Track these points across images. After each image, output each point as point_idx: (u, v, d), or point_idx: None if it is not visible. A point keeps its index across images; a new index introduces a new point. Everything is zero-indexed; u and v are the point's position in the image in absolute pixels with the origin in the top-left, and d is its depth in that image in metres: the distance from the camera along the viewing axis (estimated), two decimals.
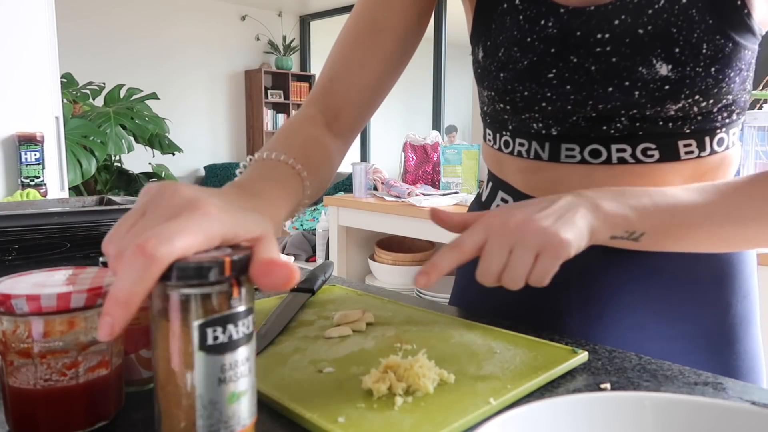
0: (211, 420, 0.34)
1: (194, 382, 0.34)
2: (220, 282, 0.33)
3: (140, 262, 0.32)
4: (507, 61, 0.65)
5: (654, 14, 0.58)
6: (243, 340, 0.35)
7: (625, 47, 0.59)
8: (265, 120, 6.53)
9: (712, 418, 0.34)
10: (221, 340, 0.34)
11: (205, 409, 0.34)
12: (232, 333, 0.34)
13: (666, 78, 0.59)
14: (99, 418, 0.42)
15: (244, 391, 0.35)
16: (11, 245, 0.98)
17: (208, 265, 0.33)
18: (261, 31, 6.60)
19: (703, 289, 0.67)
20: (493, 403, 0.44)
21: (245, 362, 0.35)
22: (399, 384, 0.46)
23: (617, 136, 0.63)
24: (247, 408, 0.36)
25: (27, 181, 2.16)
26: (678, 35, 0.57)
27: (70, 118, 3.84)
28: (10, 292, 0.39)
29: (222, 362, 0.34)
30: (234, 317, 0.34)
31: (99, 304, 0.41)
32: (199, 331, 0.33)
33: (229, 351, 0.34)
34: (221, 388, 0.34)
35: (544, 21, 0.62)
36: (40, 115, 2.24)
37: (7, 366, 0.40)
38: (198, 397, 0.34)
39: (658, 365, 0.54)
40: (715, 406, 0.35)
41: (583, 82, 0.62)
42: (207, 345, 0.33)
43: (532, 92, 0.64)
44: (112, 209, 1.09)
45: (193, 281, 0.33)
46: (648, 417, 0.35)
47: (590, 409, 0.35)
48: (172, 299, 0.33)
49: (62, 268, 0.46)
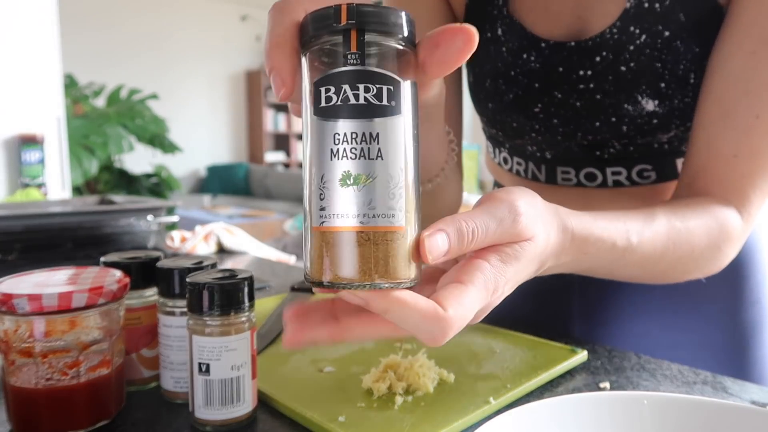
0: (322, 203, 0.28)
1: (310, 155, 0.29)
2: (334, 32, 0.28)
3: (271, 14, 0.31)
4: (494, 93, 0.63)
5: (636, 50, 0.56)
6: (367, 110, 0.28)
7: (608, 84, 0.58)
8: (266, 120, 6.53)
9: (711, 417, 0.34)
10: (334, 102, 0.28)
11: (318, 189, 0.28)
12: (349, 96, 0.28)
13: (653, 113, 0.57)
14: (100, 417, 0.42)
15: (366, 176, 0.28)
16: (13, 245, 0.98)
17: (320, 14, 0.29)
18: (261, 32, 6.60)
19: (711, 296, 0.66)
20: (492, 403, 0.44)
21: (370, 140, 0.28)
22: (399, 383, 0.46)
23: (611, 160, 0.62)
24: (373, 202, 0.28)
25: (28, 182, 2.16)
26: (663, 69, 0.55)
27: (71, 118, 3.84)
28: (12, 292, 0.39)
29: (335, 130, 0.28)
30: (352, 76, 0.28)
31: (100, 303, 0.41)
32: (312, 90, 0.29)
33: (344, 117, 0.28)
34: (333, 163, 0.28)
35: (527, 55, 0.60)
36: (42, 115, 2.24)
37: (9, 365, 0.40)
38: (312, 174, 0.29)
39: (657, 364, 0.54)
40: (714, 405, 0.35)
41: (569, 116, 0.61)
42: (319, 107, 0.29)
43: (521, 123, 0.63)
44: (112, 209, 1.09)
45: (307, 35, 0.29)
46: (647, 416, 0.35)
47: (590, 409, 0.35)
48: (302, 63, 0.30)
49: (64, 268, 0.47)
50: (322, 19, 0.29)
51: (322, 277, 0.28)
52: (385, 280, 0.28)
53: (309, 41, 0.29)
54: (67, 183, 2.33)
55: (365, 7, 0.28)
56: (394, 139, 0.28)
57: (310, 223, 0.29)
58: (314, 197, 0.29)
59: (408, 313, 0.28)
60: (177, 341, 0.46)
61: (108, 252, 0.53)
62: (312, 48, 0.29)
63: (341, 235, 0.28)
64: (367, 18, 0.28)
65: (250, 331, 0.43)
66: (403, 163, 0.29)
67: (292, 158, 6.61)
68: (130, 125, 4.29)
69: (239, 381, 0.42)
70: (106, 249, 1.01)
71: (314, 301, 0.33)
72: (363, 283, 0.28)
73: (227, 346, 0.41)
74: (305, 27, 0.30)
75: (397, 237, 0.28)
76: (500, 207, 0.32)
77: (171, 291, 0.46)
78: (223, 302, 0.41)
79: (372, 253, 0.28)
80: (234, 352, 0.41)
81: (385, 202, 0.28)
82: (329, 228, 0.28)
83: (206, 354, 0.41)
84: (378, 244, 0.28)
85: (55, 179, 2.28)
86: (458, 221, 0.30)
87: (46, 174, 2.21)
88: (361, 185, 0.28)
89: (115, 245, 1.06)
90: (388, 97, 0.28)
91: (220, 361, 0.41)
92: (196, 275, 0.43)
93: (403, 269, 0.29)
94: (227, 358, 0.41)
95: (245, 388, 0.42)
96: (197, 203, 5.26)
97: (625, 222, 0.44)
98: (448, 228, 0.30)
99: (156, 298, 0.47)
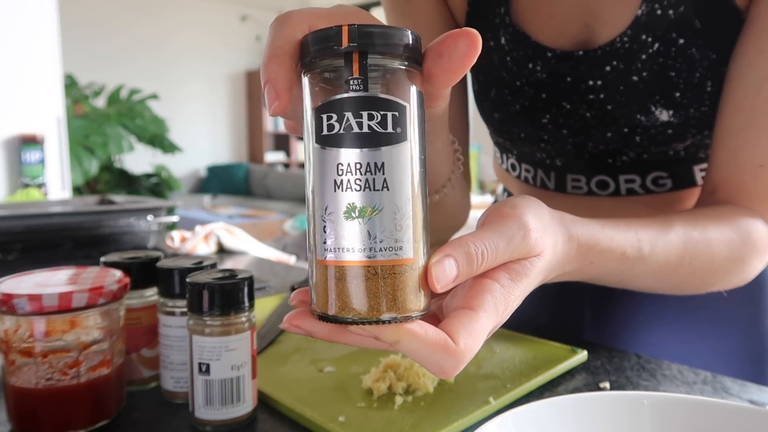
0: (326, 236, 0.27)
1: (312, 185, 0.28)
2: (336, 55, 0.27)
3: (273, 26, 0.30)
4: (499, 103, 0.61)
5: (648, 59, 0.53)
6: (371, 138, 0.27)
7: (619, 95, 0.55)
8: (266, 120, 6.52)
9: (711, 417, 0.34)
10: (337, 131, 0.27)
11: (321, 221, 0.28)
12: (352, 124, 0.27)
13: (668, 123, 0.55)
14: (100, 417, 0.42)
15: (371, 208, 0.27)
16: (13, 245, 0.98)
17: (321, 35, 0.27)
18: (261, 32, 6.59)
19: (730, 305, 0.64)
20: (492, 403, 0.44)
21: (375, 170, 0.27)
22: (399, 383, 0.46)
23: (624, 167, 0.60)
24: (380, 236, 0.27)
25: (28, 182, 2.16)
26: (677, 78, 0.53)
27: (71, 118, 3.84)
28: (12, 292, 0.39)
29: (338, 160, 0.27)
30: (355, 102, 0.27)
31: (100, 303, 0.41)
32: (313, 117, 0.28)
33: (348, 147, 0.27)
34: (337, 194, 0.27)
35: (532, 64, 0.58)
36: (42, 115, 2.24)
37: (9, 365, 0.40)
38: (315, 204, 0.28)
39: (657, 364, 0.54)
40: (714, 405, 0.35)
41: (579, 127, 0.59)
42: (321, 135, 0.27)
43: (528, 134, 0.61)
44: (112, 209, 1.09)
45: (307, 57, 0.28)
46: (647, 416, 0.35)
47: (590, 409, 0.35)
48: (302, 84, 0.29)
49: (64, 268, 0.47)
50: (323, 41, 0.27)
51: (329, 311, 0.28)
52: (394, 314, 0.27)
53: (309, 63, 0.28)
54: (67, 183, 2.33)
55: (368, 27, 0.27)
56: (400, 167, 0.27)
57: (315, 256, 0.28)
58: (318, 229, 0.28)
59: (418, 345, 0.28)
60: (177, 341, 0.46)
61: (108, 252, 0.53)
62: (312, 70, 0.28)
63: (347, 269, 0.27)
64: (369, 39, 0.27)
65: (250, 331, 0.43)
66: (410, 192, 0.27)
67: (292, 158, 6.61)
68: (130, 125, 4.29)
69: (239, 381, 0.42)
70: (106, 249, 1.01)
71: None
72: (371, 318, 0.27)
73: (227, 346, 0.41)
74: (306, 47, 0.28)
75: (405, 269, 0.27)
76: (508, 224, 0.31)
77: (171, 291, 0.46)
78: (223, 302, 0.41)
79: (380, 287, 0.27)
80: (234, 352, 0.41)
81: (392, 234, 0.27)
82: (335, 262, 0.27)
83: (206, 354, 0.41)
84: (386, 277, 0.27)
85: (55, 179, 2.28)
86: (466, 244, 0.29)
87: (46, 174, 2.21)
88: (366, 218, 0.27)
89: (115, 245, 1.06)
90: (394, 124, 0.27)
91: (220, 361, 0.41)
92: (196, 275, 0.43)
93: (413, 301, 0.28)
94: (227, 358, 0.41)
95: (245, 388, 0.42)
96: (197, 203, 5.26)
97: (637, 231, 0.43)
98: (456, 253, 0.29)
99: (156, 298, 0.47)
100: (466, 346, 0.28)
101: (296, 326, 0.30)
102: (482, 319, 0.29)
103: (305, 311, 0.30)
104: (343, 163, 0.27)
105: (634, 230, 0.42)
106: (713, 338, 0.64)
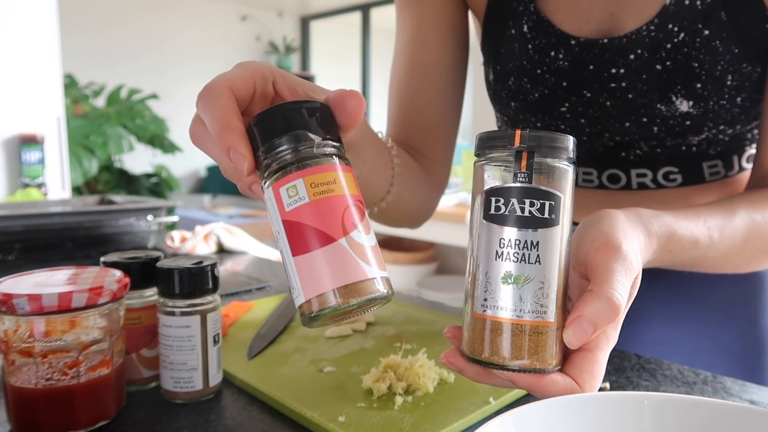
0: (485, 294, 0.34)
1: (477, 251, 0.35)
2: (506, 149, 0.34)
3: (202, 97, 0.34)
4: (518, 91, 0.62)
5: (673, 49, 0.54)
6: (530, 221, 0.33)
7: (641, 83, 0.56)
8: None
9: (711, 417, 0.34)
10: (502, 212, 0.33)
11: (484, 281, 0.34)
12: (516, 209, 0.33)
13: (687, 114, 0.55)
14: (100, 417, 0.42)
15: (524, 277, 0.33)
16: (13, 245, 0.98)
17: (497, 134, 0.34)
18: (261, 32, 6.59)
19: (729, 303, 0.64)
20: (492, 403, 0.44)
21: (531, 247, 0.33)
22: (399, 383, 0.46)
23: (637, 161, 0.61)
24: (529, 300, 0.33)
25: (28, 182, 2.16)
26: (700, 70, 0.54)
27: (71, 118, 3.84)
28: (12, 292, 0.39)
29: (501, 235, 0.33)
30: (520, 192, 0.33)
31: (100, 303, 0.41)
32: (484, 197, 0.34)
33: (510, 226, 0.33)
34: (497, 263, 0.33)
35: (554, 52, 0.58)
36: (42, 115, 2.24)
37: (9, 365, 0.40)
38: (479, 267, 0.34)
39: (657, 364, 0.54)
40: (714, 405, 0.35)
41: (598, 116, 0.59)
42: (489, 213, 0.34)
43: (545, 123, 0.62)
44: (112, 209, 1.09)
45: (483, 149, 0.35)
46: (647, 416, 0.35)
47: (590, 409, 0.35)
48: (475, 171, 0.36)
49: (63, 268, 0.47)
50: (498, 139, 0.34)
51: (481, 356, 0.34)
52: (533, 366, 0.33)
53: (483, 153, 0.35)
54: (67, 183, 2.33)
55: (536, 132, 0.33)
56: (551, 247, 0.33)
57: (471, 308, 0.34)
58: (480, 287, 0.34)
59: (550, 393, 0.33)
60: (177, 341, 0.46)
61: (108, 252, 0.53)
62: (486, 160, 0.35)
63: (499, 324, 0.33)
64: (537, 142, 0.33)
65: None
66: (557, 267, 0.33)
67: None
68: (130, 125, 4.29)
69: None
70: (106, 249, 1.01)
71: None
72: (513, 366, 0.33)
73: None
74: (483, 141, 0.35)
75: (546, 330, 0.33)
76: (610, 265, 0.35)
77: (171, 291, 0.46)
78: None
79: (524, 342, 0.33)
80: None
81: (539, 300, 0.33)
82: (490, 317, 0.33)
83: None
84: (530, 335, 0.33)
85: (55, 179, 2.28)
86: (599, 300, 0.33)
87: (46, 174, 2.21)
88: (520, 285, 0.33)
89: (115, 245, 1.06)
90: (550, 211, 0.33)
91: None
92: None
93: (549, 357, 0.34)
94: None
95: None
96: (197, 203, 5.26)
97: (707, 219, 0.46)
98: (587, 310, 0.33)
99: (156, 298, 0.47)
100: (591, 387, 0.34)
101: (451, 363, 0.36)
102: (600, 358, 0.34)
103: (457, 351, 0.36)
104: (505, 238, 0.33)
105: (704, 219, 0.46)
106: (715, 336, 0.64)
